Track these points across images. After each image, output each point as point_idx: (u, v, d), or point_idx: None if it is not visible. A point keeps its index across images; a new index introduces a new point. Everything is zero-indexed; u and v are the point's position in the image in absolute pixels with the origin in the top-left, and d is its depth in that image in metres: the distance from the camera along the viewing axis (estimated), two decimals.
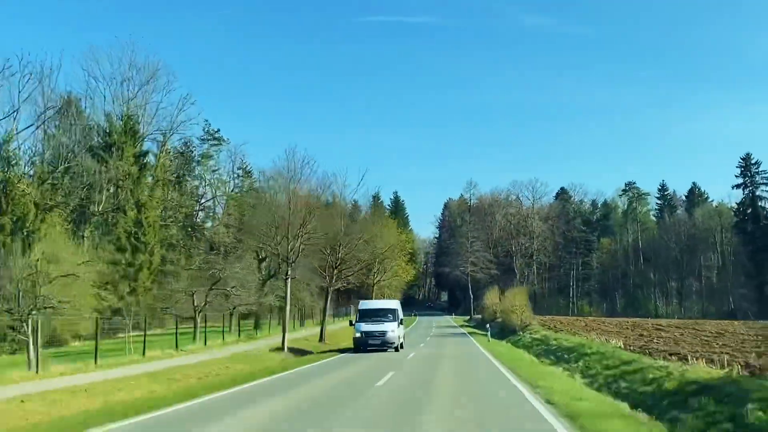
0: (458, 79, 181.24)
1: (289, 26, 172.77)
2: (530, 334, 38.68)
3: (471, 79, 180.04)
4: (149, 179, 63.54)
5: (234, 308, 47.49)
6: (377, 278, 57.06)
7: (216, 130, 73.29)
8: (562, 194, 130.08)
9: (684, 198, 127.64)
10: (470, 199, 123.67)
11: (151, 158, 64.76)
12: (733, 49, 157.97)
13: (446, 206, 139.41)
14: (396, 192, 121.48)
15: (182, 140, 70.20)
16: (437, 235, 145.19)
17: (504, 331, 50.22)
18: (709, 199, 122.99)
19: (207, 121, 75.35)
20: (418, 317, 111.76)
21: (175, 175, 70.33)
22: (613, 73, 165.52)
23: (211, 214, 74.11)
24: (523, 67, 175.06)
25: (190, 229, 70.69)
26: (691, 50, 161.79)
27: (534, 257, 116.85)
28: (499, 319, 63.23)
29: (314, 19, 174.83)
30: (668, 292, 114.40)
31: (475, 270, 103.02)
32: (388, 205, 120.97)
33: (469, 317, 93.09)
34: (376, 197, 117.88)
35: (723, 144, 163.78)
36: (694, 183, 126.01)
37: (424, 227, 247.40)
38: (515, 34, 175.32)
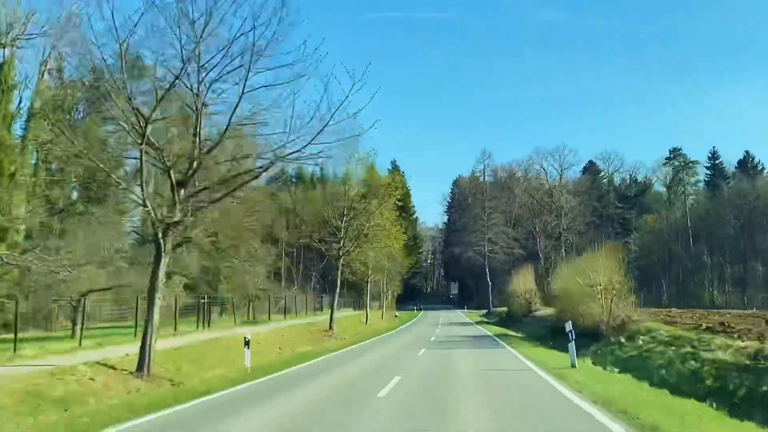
0: (463, 74, 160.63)
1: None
2: (675, 347, 14.70)
3: (477, 73, 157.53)
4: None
5: (81, 297, 24.24)
6: (345, 244, 33.41)
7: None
8: (591, 168, 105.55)
9: (735, 168, 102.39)
10: (484, 172, 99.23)
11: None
12: None
13: (456, 184, 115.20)
14: (394, 160, 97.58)
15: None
16: (445, 221, 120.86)
17: (561, 333, 26.18)
18: (766, 170, 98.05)
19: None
20: (423, 311, 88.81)
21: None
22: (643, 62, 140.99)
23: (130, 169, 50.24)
24: (537, 60, 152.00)
25: (93, 191, 47.17)
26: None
27: (562, 238, 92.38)
28: (540, 312, 39.54)
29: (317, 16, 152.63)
30: (725, 278, 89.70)
31: (494, 250, 78.70)
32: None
33: (486, 311, 69.41)
34: (369, 167, 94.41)
35: None
36: (747, 152, 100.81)
37: (430, 215, 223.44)
38: (525, 28, 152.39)
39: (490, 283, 73.97)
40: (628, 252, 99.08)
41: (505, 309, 58.79)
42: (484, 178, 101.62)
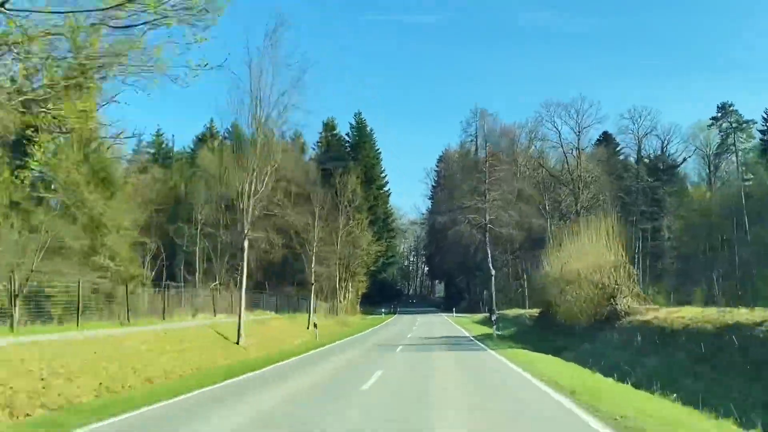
0: (456, 74, 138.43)
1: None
2: None
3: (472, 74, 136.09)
4: None
5: None
6: None
7: None
8: (606, 141, 79.43)
9: None
10: (477, 137, 72.38)
11: None
12: None
13: (442, 159, 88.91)
14: (359, 114, 70.10)
15: None
16: (429, 207, 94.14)
17: None
18: None
19: None
20: (396, 315, 63.26)
21: None
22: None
23: None
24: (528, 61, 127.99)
25: None
26: None
27: (580, 219, 66.30)
28: (651, 316, 13.04)
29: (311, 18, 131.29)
30: None
31: (500, 218, 51.80)
32: (347, 134, 70.22)
33: (487, 314, 43.20)
34: (328, 125, 67.73)
35: None
36: None
37: (410, 207, 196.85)
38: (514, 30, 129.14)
39: (493, 272, 46.90)
40: (661, 239, 74.09)
41: (524, 311, 32.49)
42: (476, 147, 75.22)
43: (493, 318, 23.12)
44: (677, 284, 70.81)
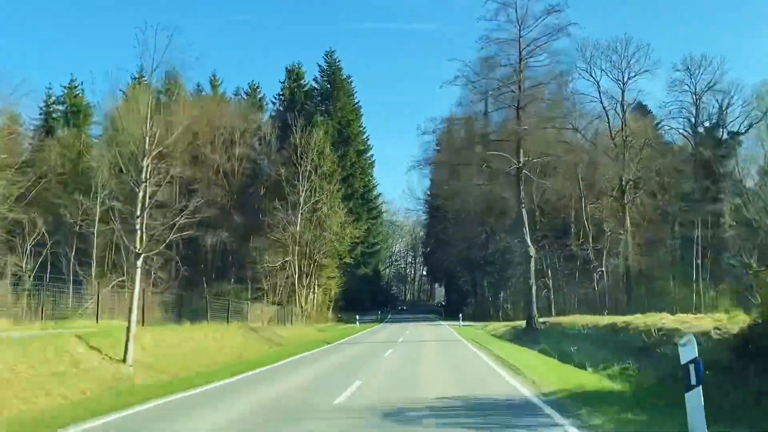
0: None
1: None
2: None
3: None
4: None
5: None
6: None
7: None
8: (642, 113, 61.13)
9: None
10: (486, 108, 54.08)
11: None
12: None
13: (444, 138, 70.62)
14: (331, 52, 50.91)
15: None
16: (427, 193, 76.04)
17: None
18: None
19: None
20: (382, 323, 45.89)
21: None
22: None
23: None
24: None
25: None
26: None
27: (626, 197, 49.16)
28: None
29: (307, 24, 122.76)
30: None
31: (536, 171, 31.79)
32: (315, 80, 51.93)
33: (524, 323, 25.17)
34: (293, 72, 49.96)
35: None
36: None
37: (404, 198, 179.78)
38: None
39: (533, 253, 25.97)
40: (722, 227, 56.49)
41: (633, 319, 13.97)
42: (486, 112, 56.97)
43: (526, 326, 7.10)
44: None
